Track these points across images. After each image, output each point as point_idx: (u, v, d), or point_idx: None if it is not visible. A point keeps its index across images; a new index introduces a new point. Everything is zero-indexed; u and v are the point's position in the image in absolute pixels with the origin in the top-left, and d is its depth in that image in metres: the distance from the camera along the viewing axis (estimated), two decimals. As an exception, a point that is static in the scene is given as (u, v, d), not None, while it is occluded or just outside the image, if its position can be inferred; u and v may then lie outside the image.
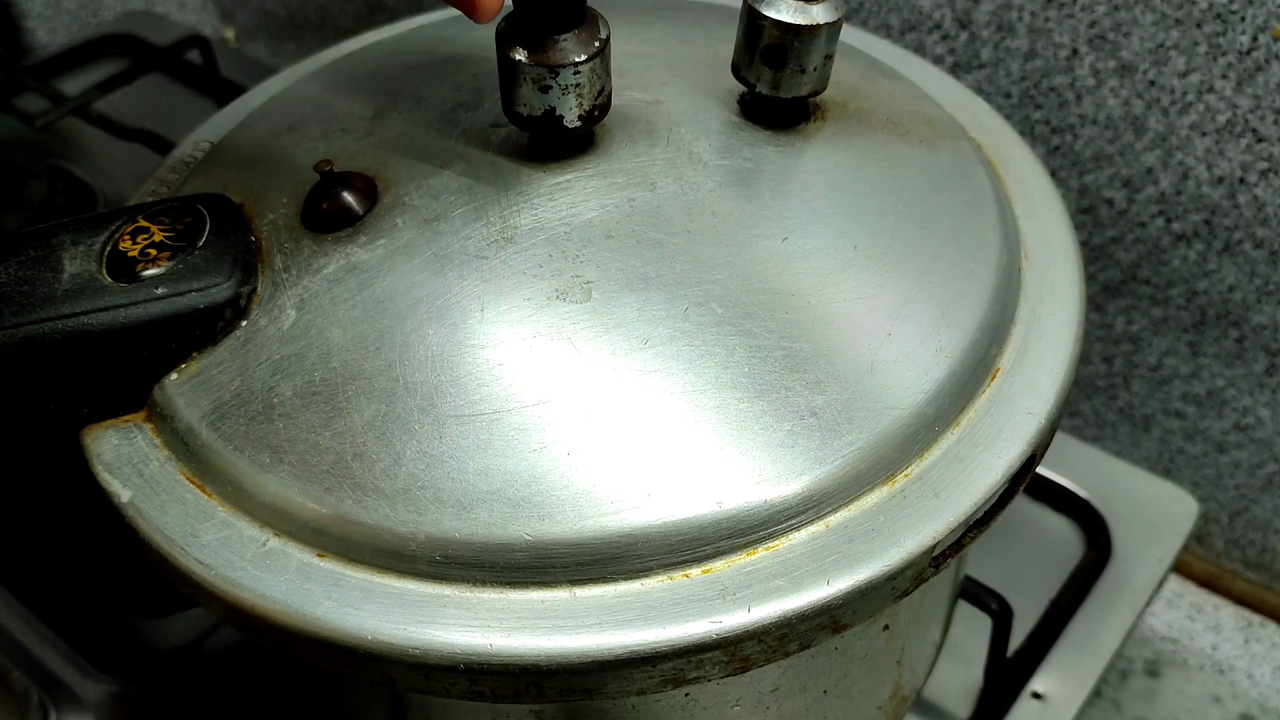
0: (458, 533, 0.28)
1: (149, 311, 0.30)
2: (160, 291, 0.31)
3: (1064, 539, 0.53)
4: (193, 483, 0.31)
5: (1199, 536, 0.60)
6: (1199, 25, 0.47)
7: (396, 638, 0.27)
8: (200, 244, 0.32)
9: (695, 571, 0.28)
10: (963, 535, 0.29)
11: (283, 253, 0.33)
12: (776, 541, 0.28)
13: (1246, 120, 0.47)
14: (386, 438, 0.29)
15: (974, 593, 0.45)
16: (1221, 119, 0.48)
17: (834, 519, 0.29)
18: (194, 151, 0.39)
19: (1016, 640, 0.47)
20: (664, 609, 0.27)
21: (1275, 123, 0.47)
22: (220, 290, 0.31)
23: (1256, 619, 0.57)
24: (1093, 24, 0.49)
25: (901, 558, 0.28)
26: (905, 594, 0.29)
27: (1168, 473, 0.59)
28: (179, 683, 0.47)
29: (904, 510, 0.29)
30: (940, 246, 0.33)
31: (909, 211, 0.33)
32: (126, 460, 0.31)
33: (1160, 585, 0.50)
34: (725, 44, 0.34)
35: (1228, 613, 0.57)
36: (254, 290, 0.32)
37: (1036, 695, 0.46)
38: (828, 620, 0.28)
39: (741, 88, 0.34)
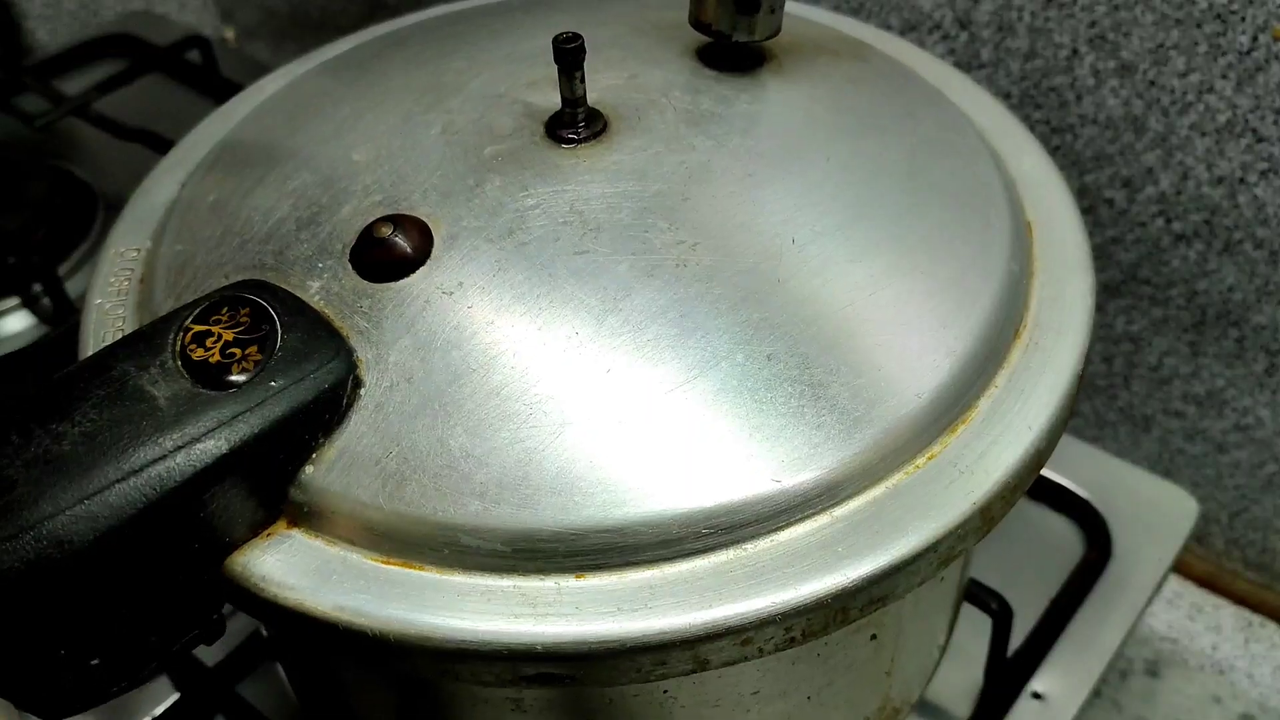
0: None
1: (278, 409, 0.27)
2: (277, 384, 0.28)
3: (1064, 539, 0.53)
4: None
5: (1199, 536, 0.60)
6: (1199, 25, 0.47)
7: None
8: (282, 330, 0.29)
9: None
10: (963, 536, 0.29)
11: (360, 314, 0.30)
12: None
13: (1246, 120, 0.47)
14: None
15: (974, 593, 0.45)
16: (1221, 119, 0.48)
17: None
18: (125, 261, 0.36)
19: (1016, 640, 0.47)
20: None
21: (1275, 123, 0.47)
22: (338, 364, 0.29)
23: (1256, 619, 0.57)
24: (1093, 24, 0.50)
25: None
26: (909, 590, 0.29)
27: (1168, 473, 0.59)
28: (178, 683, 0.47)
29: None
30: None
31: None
32: (301, 569, 0.28)
33: (1160, 585, 0.50)
34: (666, 10, 0.37)
35: (1228, 613, 0.57)
36: (356, 356, 0.29)
37: (1036, 695, 0.46)
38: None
39: (699, 43, 0.36)
